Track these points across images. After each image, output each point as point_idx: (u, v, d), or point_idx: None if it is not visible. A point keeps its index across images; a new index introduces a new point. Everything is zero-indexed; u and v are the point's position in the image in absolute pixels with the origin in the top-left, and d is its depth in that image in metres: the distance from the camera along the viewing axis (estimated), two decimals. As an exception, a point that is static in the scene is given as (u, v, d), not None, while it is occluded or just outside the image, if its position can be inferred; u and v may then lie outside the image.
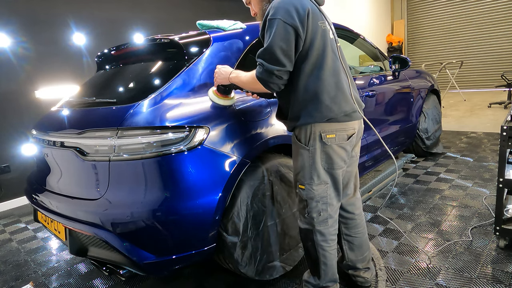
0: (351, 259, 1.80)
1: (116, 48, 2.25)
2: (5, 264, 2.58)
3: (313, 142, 1.53)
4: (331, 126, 1.51)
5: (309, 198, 1.57)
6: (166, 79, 1.78)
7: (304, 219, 1.62)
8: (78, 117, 1.95)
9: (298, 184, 1.61)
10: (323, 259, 1.62)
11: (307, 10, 1.44)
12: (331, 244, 1.63)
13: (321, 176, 1.55)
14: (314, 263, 1.65)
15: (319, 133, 1.51)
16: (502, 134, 1.99)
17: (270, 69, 1.43)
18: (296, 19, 1.42)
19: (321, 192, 1.56)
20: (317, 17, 1.50)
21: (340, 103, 1.51)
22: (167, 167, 1.56)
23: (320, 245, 1.60)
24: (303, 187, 1.58)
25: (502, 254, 2.08)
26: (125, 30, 4.69)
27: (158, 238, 1.59)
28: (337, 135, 1.53)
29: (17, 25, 3.77)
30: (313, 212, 1.58)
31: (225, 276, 2.11)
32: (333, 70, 1.52)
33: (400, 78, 3.42)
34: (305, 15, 1.44)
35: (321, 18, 1.53)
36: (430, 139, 3.97)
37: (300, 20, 1.43)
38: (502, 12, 9.39)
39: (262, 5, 1.63)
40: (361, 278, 1.81)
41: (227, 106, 1.75)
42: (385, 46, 10.76)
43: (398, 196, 3.11)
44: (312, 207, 1.57)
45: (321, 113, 1.49)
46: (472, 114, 6.67)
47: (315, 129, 1.51)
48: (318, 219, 1.58)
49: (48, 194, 1.96)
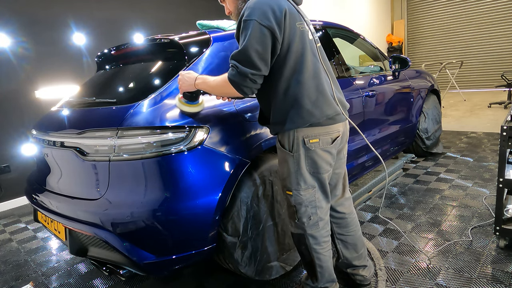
0: (346, 257, 1.79)
1: (116, 48, 2.25)
2: (5, 264, 2.58)
3: (297, 147, 1.49)
4: (314, 131, 1.48)
5: (298, 204, 1.55)
6: (166, 79, 1.78)
7: (295, 224, 1.60)
8: (78, 117, 1.95)
9: (286, 190, 1.58)
10: (318, 262, 1.61)
11: (284, 10, 1.39)
12: (324, 246, 1.61)
13: (307, 181, 1.53)
14: (310, 266, 1.64)
15: (302, 138, 1.48)
16: (502, 134, 1.99)
17: (244, 72, 1.37)
18: (273, 21, 1.36)
19: (309, 196, 1.54)
20: (294, 18, 1.45)
21: (322, 106, 1.47)
22: (167, 167, 1.56)
23: (314, 248, 1.59)
24: (291, 193, 1.56)
25: (502, 254, 2.08)
26: (125, 30, 4.69)
27: (158, 238, 1.59)
28: (320, 139, 1.49)
29: (17, 25, 3.77)
30: (303, 217, 1.56)
31: (225, 276, 2.11)
32: (314, 73, 1.48)
33: (400, 78, 3.42)
34: (282, 16, 1.38)
35: (299, 19, 1.48)
36: (430, 139, 3.97)
37: (277, 22, 1.37)
38: (502, 12, 9.39)
39: (237, 4, 1.57)
40: (359, 276, 1.80)
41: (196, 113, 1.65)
42: (385, 46, 10.76)
43: (398, 196, 3.11)
44: (302, 212, 1.55)
45: (302, 118, 1.46)
46: (472, 114, 6.67)
47: (297, 135, 1.48)
48: (309, 223, 1.56)
49: (48, 194, 1.96)
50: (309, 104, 1.45)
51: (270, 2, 1.38)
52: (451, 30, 10.27)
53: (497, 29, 9.51)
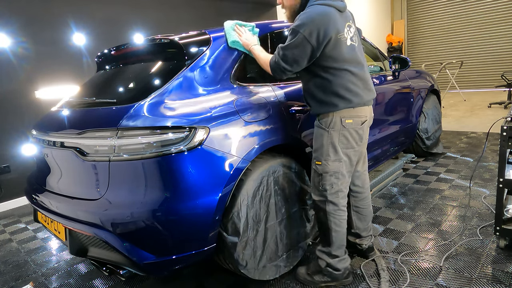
0: (358, 227, 2.08)
1: (116, 48, 2.25)
2: (5, 264, 2.58)
3: (333, 125, 1.77)
4: (350, 112, 1.77)
5: (324, 172, 1.80)
6: (166, 79, 1.78)
7: (318, 192, 1.85)
8: (78, 117, 1.95)
9: (316, 161, 1.83)
10: (334, 227, 1.83)
11: (328, 37, 1.64)
12: (342, 214, 1.85)
13: (337, 154, 1.79)
14: (326, 232, 1.87)
15: (339, 119, 1.76)
16: (502, 134, 1.99)
17: (279, 64, 1.72)
18: (315, 42, 1.63)
19: (335, 167, 1.80)
20: (338, 31, 1.68)
21: (358, 94, 1.76)
22: (167, 167, 1.56)
23: (332, 214, 1.83)
24: (320, 163, 1.81)
25: (502, 254, 2.08)
26: (125, 30, 4.69)
27: (158, 238, 1.59)
28: (354, 120, 1.78)
29: (17, 25, 3.77)
30: (327, 184, 1.81)
31: (225, 276, 2.11)
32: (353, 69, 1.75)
33: (400, 78, 3.42)
34: (325, 40, 1.64)
35: (341, 29, 1.70)
36: (430, 139, 3.97)
37: (318, 43, 1.64)
38: (502, 12, 9.38)
39: (293, 3, 1.81)
40: (364, 246, 2.11)
41: None
42: (385, 46, 10.75)
43: (398, 196, 3.11)
44: (327, 180, 1.80)
45: (344, 103, 1.74)
46: (472, 114, 6.67)
47: (336, 115, 1.76)
48: (331, 191, 1.81)
49: (48, 194, 1.96)
50: (348, 93, 1.74)
51: (320, 24, 1.62)
52: (451, 30, 10.27)
53: (497, 29, 9.51)
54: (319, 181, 1.83)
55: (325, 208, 1.83)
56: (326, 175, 1.80)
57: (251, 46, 1.90)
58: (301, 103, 2.11)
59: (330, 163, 1.79)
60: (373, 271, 2.03)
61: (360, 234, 2.09)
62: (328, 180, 1.81)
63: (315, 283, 1.92)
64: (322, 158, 1.81)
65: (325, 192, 1.82)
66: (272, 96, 2.00)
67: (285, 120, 2.00)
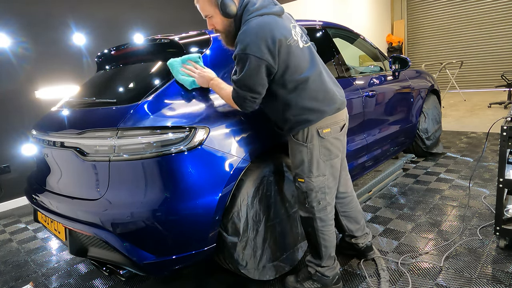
0: (350, 229, 2.03)
1: (116, 48, 2.25)
2: (5, 264, 2.58)
3: (311, 138, 1.65)
4: (326, 121, 1.65)
5: (309, 190, 1.70)
6: (166, 79, 1.78)
7: (305, 209, 1.76)
8: (78, 117, 1.95)
9: (298, 178, 1.73)
10: (323, 242, 1.77)
11: (277, 42, 1.48)
12: (330, 228, 1.79)
13: (320, 169, 1.68)
14: (315, 247, 1.80)
15: (316, 130, 1.64)
16: (502, 134, 1.99)
17: (244, 95, 1.55)
18: (268, 56, 1.48)
19: (320, 183, 1.70)
20: (286, 37, 1.52)
21: (328, 101, 1.65)
22: (167, 167, 1.56)
23: (321, 230, 1.75)
24: (303, 180, 1.71)
25: (502, 254, 2.08)
26: (125, 30, 4.69)
27: (158, 238, 1.59)
28: (332, 128, 1.67)
29: (17, 25, 3.77)
30: (313, 202, 1.72)
31: (225, 276, 2.11)
32: (314, 76, 1.62)
33: (400, 78, 3.42)
34: (276, 48, 1.49)
35: (288, 35, 1.55)
36: (430, 139, 3.97)
37: (272, 55, 1.49)
38: (502, 12, 9.39)
39: (226, 26, 1.60)
40: (361, 244, 2.06)
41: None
42: (385, 46, 10.75)
43: (398, 196, 3.11)
44: (312, 197, 1.71)
45: (316, 115, 1.62)
46: (472, 114, 6.67)
47: (312, 128, 1.64)
48: (318, 207, 1.73)
49: (48, 194, 1.96)
50: (318, 103, 1.62)
51: (264, 34, 1.46)
52: (451, 30, 10.27)
53: (497, 29, 9.51)
54: (304, 198, 1.73)
55: (313, 225, 1.74)
56: (311, 192, 1.70)
57: (210, 83, 1.71)
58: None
59: (314, 179, 1.68)
60: (373, 271, 2.03)
61: (354, 235, 2.05)
62: (314, 197, 1.70)
63: None
64: (304, 176, 1.69)
65: (313, 209, 1.72)
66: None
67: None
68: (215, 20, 1.59)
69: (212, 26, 1.63)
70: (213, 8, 1.55)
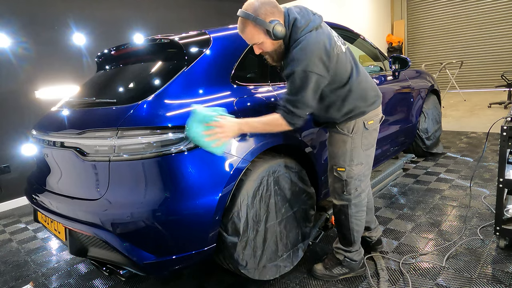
0: (366, 220, 2.07)
1: (116, 48, 2.25)
2: (5, 264, 2.58)
3: (357, 130, 1.76)
4: (371, 114, 1.79)
5: (349, 178, 1.80)
6: (166, 79, 1.78)
7: (340, 197, 1.86)
8: (78, 117, 1.95)
9: (337, 168, 1.82)
10: (355, 228, 1.88)
11: (330, 55, 1.57)
12: (362, 214, 1.90)
13: (359, 157, 1.80)
14: (346, 233, 1.90)
15: (362, 122, 1.77)
16: (502, 134, 1.99)
17: (300, 114, 1.59)
18: (325, 70, 1.57)
19: (358, 171, 1.81)
20: (334, 47, 1.60)
21: (375, 96, 1.81)
22: (167, 167, 1.56)
23: (354, 216, 1.86)
24: (343, 169, 1.81)
25: (502, 254, 2.08)
26: (125, 30, 4.69)
27: (158, 239, 1.59)
28: (374, 120, 1.82)
29: (17, 25, 3.77)
30: (352, 189, 1.82)
31: (225, 276, 2.11)
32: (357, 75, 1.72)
33: (400, 78, 3.42)
34: (330, 61, 1.57)
35: (334, 43, 1.62)
36: (430, 139, 3.97)
37: (327, 69, 1.58)
38: (502, 12, 9.38)
39: (276, 47, 1.62)
40: (374, 238, 2.17)
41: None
42: (385, 46, 10.75)
43: (398, 196, 3.10)
44: (351, 185, 1.82)
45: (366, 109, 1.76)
46: (472, 114, 6.67)
47: (359, 120, 1.76)
48: (355, 194, 1.84)
49: (48, 194, 1.96)
50: (368, 99, 1.76)
51: (318, 50, 1.53)
52: (451, 30, 10.27)
53: (497, 29, 9.50)
54: (342, 187, 1.83)
55: (347, 212, 1.85)
56: (351, 180, 1.81)
57: (239, 130, 1.61)
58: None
59: (354, 168, 1.79)
60: (373, 271, 2.03)
61: (369, 227, 2.14)
62: (353, 184, 1.81)
63: (334, 276, 1.96)
64: (345, 164, 1.79)
65: (350, 196, 1.83)
66: (272, 96, 2.00)
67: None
68: (264, 45, 1.61)
69: (260, 50, 1.64)
70: (263, 35, 1.56)
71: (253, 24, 1.53)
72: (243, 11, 1.53)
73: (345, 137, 1.77)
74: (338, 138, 1.80)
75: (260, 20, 1.51)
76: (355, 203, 1.85)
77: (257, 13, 1.51)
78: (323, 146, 2.26)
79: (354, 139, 1.77)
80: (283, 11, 1.60)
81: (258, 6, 1.51)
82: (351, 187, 1.82)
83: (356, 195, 1.84)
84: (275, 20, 1.53)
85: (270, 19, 1.53)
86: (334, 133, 1.82)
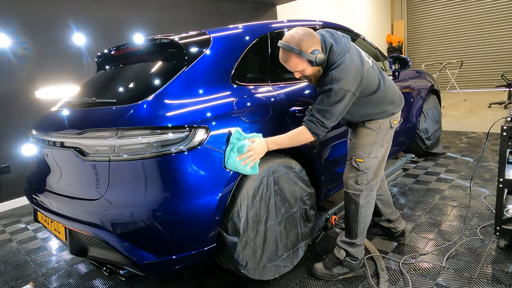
0: (386, 213, 2.27)
1: (116, 48, 2.25)
2: (5, 264, 2.58)
3: (383, 127, 1.92)
4: (398, 114, 1.99)
5: (365, 169, 1.91)
6: (166, 79, 1.78)
7: (353, 186, 1.94)
8: (78, 117, 1.94)
9: (356, 158, 1.93)
10: (362, 219, 1.95)
11: (363, 75, 1.73)
12: (371, 207, 1.97)
13: (377, 152, 1.94)
14: (353, 225, 1.96)
15: (389, 121, 1.94)
16: (502, 134, 1.99)
17: (328, 126, 1.74)
18: (358, 88, 1.72)
19: (374, 163, 1.93)
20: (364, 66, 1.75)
21: (400, 99, 2.00)
22: (167, 167, 1.56)
23: (363, 206, 1.94)
24: (362, 160, 1.92)
25: (502, 254, 2.08)
26: (125, 30, 4.69)
27: (158, 239, 1.59)
28: (397, 120, 2.00)
29: (17, 25, 3.77)
30: (365, 179, 1.92)
31: (225, 276, 2.11)
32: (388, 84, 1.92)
33: (400, 78, 3.42)
34: (362, 79, 1.73)
35: (364, 61, 1.77)
36: (430, 139, 3.97)
37: (359, 87, 1.73)
38: (502, 12, 9.39)
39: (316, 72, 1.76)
40: (399, 229, 2.30)
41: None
42: (385, 46, 10.75)
43: (398, 196, 3.10)
44: (365, 175, 1.92)
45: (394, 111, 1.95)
46: (472, 114, 6.67)
47: (386, 120, 1.93)
48: (368, 184, 1.94)
49: (48, 194, 1.96)
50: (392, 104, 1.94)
51: (354, 71, 1.69)
52: (451, 30, 10.27)
53: (497, 29, 9.51)
54: (357, 176, 1.93)
55: (357, 201, 1.93)
56: (367, 171, 1.92)
57: (270, 144, 1.76)
58: (301, 102, 2.11)
59: (371, 160, 1.92)
60: (373, 271, 2.03)
61: (390, 219, 2.27)
62: (366, 175, 1.92)
63: (334, 276, 1.98)
64: (364, 156, 1.91)
65: (362, 186, 1.93)
66: (272, 96, 2.00)
67: (285, 119, 2.00)
68: (306, 71, 1.75)
69: (300, 74, 1.78)
70: (305, 64, 1.71)
71: (297, 56, 1.68)
72: (285, 44, 1.67)
73: (371, 131, 1.91)
74: (364, 131, 1.93)
75: (304, 53, 1.66)
76: (367, 194, 1.94)
77: (300, 46, 1.66)
78: (323, 146, 2.26)
79: (379, 134, 1.92)
80: (319, 39, 1.72)
81: (300, 39, 1.66)
82: (364, 177, 1.92)
83: (368, 185, 1.94)
84: (316, 50, 1.67)
85: (311, 50, 1.67)
86: (361, 127, 1.94)
